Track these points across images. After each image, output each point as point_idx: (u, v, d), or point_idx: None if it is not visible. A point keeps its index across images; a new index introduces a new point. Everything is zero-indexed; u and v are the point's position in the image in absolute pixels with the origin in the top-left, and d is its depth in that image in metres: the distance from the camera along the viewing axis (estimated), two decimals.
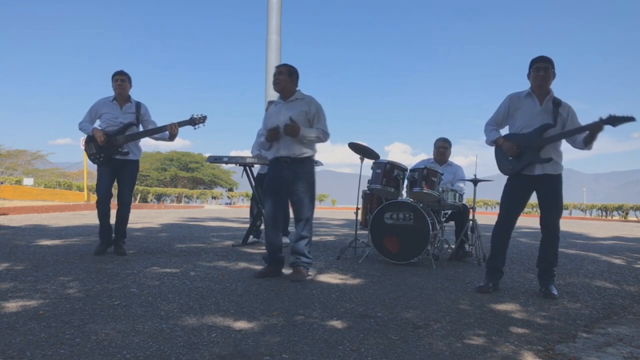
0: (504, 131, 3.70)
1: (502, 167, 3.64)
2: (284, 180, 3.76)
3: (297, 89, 3.88)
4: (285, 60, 8.29)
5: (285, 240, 4.75)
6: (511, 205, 3.60)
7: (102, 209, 4.71)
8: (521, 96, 3.55)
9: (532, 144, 3.44)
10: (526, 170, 3.49)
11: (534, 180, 3.49)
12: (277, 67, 3.91)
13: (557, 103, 3.46)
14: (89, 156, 4.70)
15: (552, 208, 3.52)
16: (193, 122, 4.60)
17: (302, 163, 3.77)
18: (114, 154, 4.61)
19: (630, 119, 3.19)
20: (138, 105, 4.75)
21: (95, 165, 4.74)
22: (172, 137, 4.69)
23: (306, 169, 3.80)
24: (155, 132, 4.66)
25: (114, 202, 4.85)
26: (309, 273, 3.88)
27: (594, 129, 3.28)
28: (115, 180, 4.77)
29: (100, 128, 4.65)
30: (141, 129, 4.76)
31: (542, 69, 3.42)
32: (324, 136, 3.80)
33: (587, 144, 3.39)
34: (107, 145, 4.57)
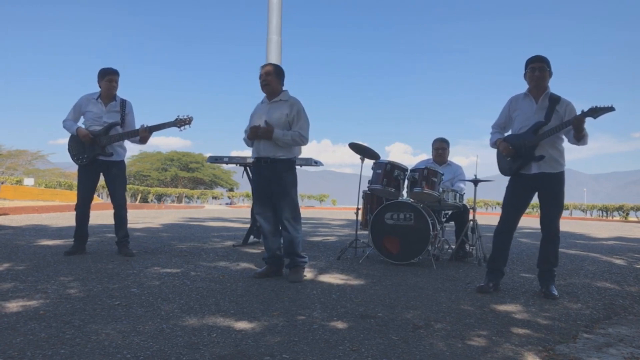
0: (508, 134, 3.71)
1: (501, 168, 3.68)
2: (267, 182, 3.76)
3: (284, 89, 3.85)
4: (285, 61, 8.27)
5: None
6: (511, 206, 3.60)
7: (81, 212, 4.54)
8: (520, 97, 3.59)
9: (526, 143, 3.46)
10: (523, 169, 3.50)
11: (532, 179, 3.49)
12: (263, 67, 3.81)
13: (555, 100, 3.45)
14: (72, 157, 4.54)
15: (551, 207, 3.50)
16: (177, 123, 4.41)
17: (282, 163, 3.73)
18: (97, 155, 4.45)
19: (609, 109, 3.17)
20: (123, 103, 4.58)
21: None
22: (142, 141, 4.48)
23: (286, 169, 3.76)
24: (134, 134, 4.48)
25: (105, 203, 4.78)
26: (304, 273, 3.87)
27: (575, 123, 3.26)
28: (106, 184, 4.64)
29: (84, 127, 4.51)
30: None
31: (537, 69, 3.44)
32: (300, 139, 3.74)
33: (577, 139, 3.38)
34: (91, 146, 4.43)
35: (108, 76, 4.47)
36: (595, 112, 3.19)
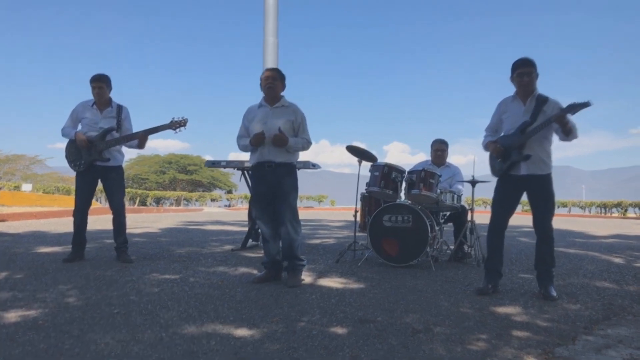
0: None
1: (492, 169, 3.75)
2: (268, 186, 3.77)
3: (282, 94, 3.89)
4: (282, 62, 8.27)
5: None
6: (501, 206, 3.66)
7: (79, 218, 4.54)
8: (508, 100, 3.65)
9: (514, 143, 3.50)
10: (513, 170, 3.55)
11: (521, 180, 3.53)
12: (269, 71, 3.89)
13: (542, 100, 3.50)
14: (69, 163, 4.55)
15: (542, 209, 3.55)
16: (172, 126, 4.42)
17: (284, 167, 3.78)
18: (94, 161, 4.46)
19: (586, 104, 3.27)
20: (119, 108, 4.58)
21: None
22: (140, 145, 4.54)
23: (288, 173, 3.80)
24: (130, 138, 4.51)
25: (103, 208, 4.78)
26: (303, 277, 3.87)
27: (557, 120, 3.32)
28: (104, 190, 4.64)
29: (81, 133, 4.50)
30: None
31: (525, 75, 3.47)
32: (307, 145, 3.87)
33: (565, 134, 3.43)
34: (88, 152, 4.44)
35: (92, 83, 4.49)
36: (573, 108, 3.30)
